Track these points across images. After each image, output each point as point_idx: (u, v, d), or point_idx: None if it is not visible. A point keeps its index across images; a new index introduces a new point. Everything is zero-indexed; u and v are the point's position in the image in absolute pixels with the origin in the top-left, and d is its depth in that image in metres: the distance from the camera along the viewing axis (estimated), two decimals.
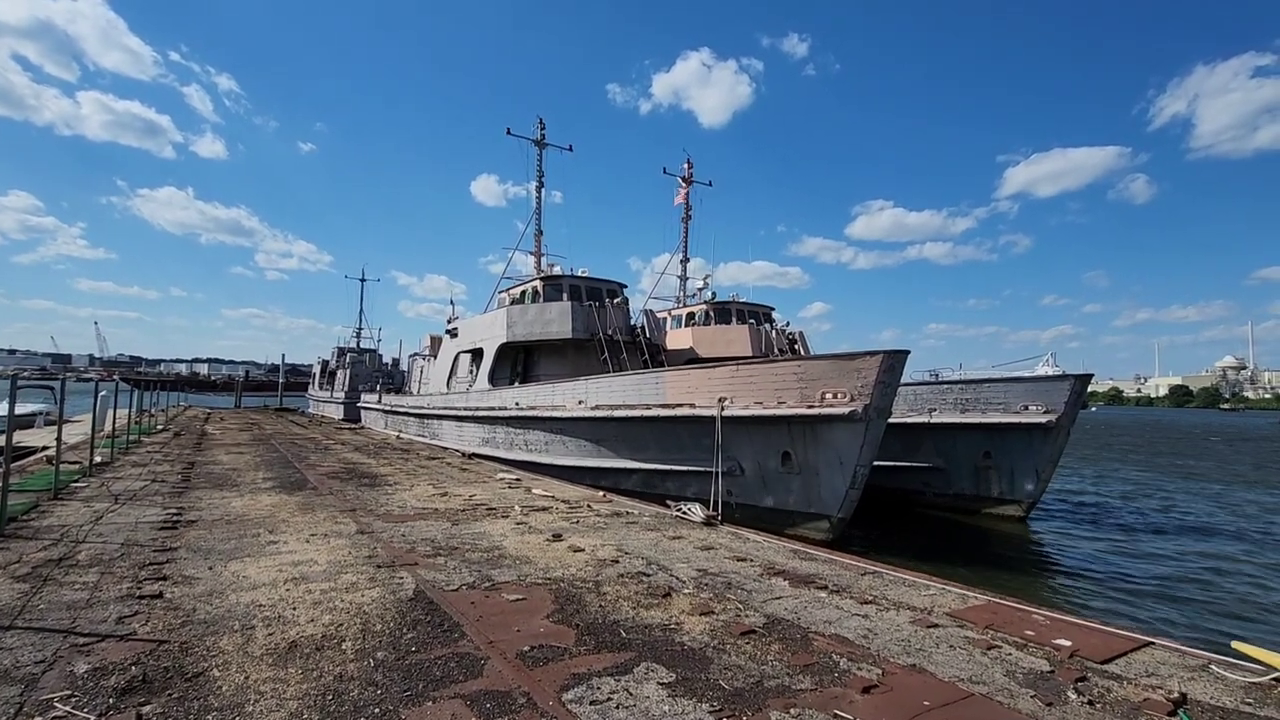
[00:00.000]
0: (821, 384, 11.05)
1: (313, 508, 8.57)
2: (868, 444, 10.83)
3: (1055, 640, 4.41)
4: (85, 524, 7.03)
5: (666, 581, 5.59)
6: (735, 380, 11.98)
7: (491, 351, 19.08)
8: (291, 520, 7.69)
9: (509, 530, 7.56)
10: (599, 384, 14.20)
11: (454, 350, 22.22)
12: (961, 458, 15.29)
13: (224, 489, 9.94)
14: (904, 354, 10.80)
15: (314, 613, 4.49)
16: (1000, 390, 14.68)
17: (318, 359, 55.65)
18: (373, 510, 8.56)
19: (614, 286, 19.82)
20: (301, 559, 5.92)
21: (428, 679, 3.51)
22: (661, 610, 4.82)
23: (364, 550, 6.32)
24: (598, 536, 7.39)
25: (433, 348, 26.05)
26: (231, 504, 8.66)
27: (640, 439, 13.51)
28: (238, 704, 3.16)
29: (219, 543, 6.44)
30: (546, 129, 22.87)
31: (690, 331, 21.69)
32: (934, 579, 6.05)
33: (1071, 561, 11.90)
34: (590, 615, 4.65)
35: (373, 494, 9.97)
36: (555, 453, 15.59)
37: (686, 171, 26.04)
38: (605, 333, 17.73)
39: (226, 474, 11.72)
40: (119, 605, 4.49)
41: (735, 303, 22.37)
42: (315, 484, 10.80)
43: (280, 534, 6.93)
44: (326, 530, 7.20)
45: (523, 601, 4.91)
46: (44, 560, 5.54)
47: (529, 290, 19.55)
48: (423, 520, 7.99)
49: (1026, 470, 14.54)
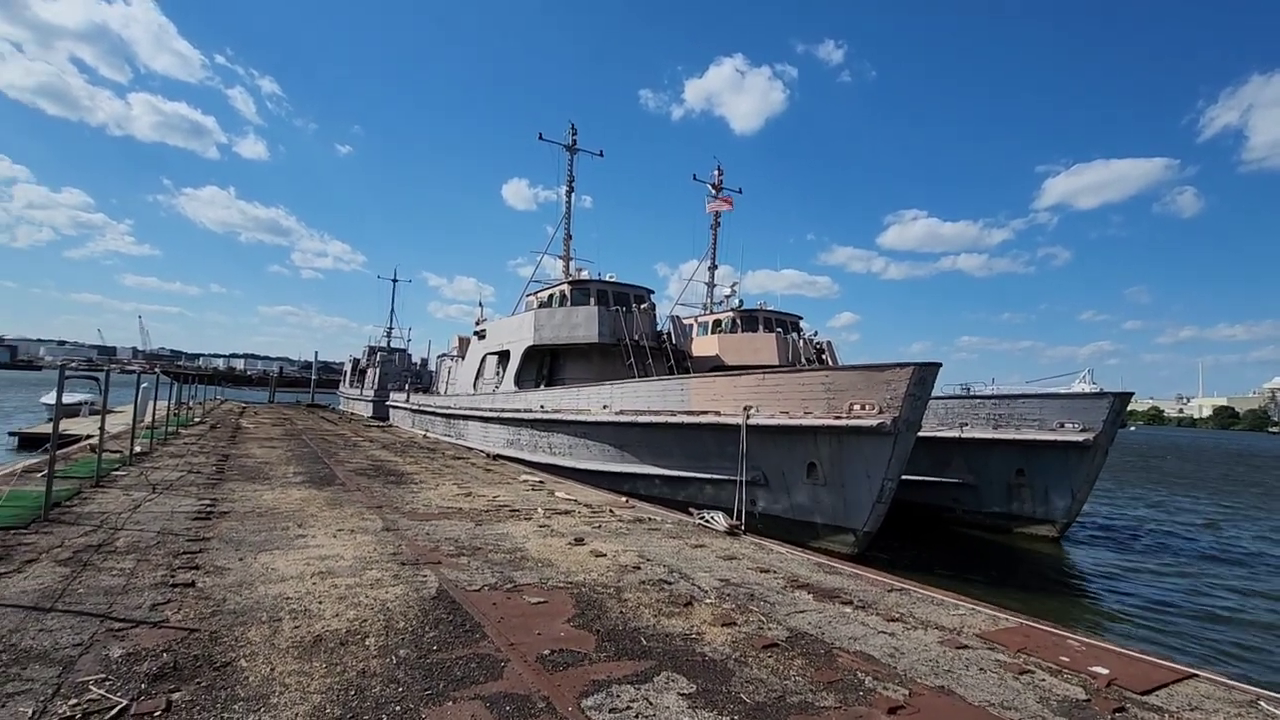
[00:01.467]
0: (850, 395, 10.89)
1: (340, 503, 8.72)
2: (896, 457, 10.63)
3: (1092, 667, 4.25)
4: (124, 512, 7.25)
5: (688, 590, 5.54)
6: (761, 389, 11.88)
7: (518, 354, 19.25)
8: (320, 515, 7.82)
9: (531, 533, 7.58)
10: (624, 389, 14.20)
11: (481, 352, 22.48)
12: (993, 475, 14.90)
13: (256, 482, 10.17)
14: (935, 366, 10.58)
15: (339, 607, 4.55)
16: (1035, 406, 14.29)
17: (349, 357, 56.81)
18: (398, 508, 8.66)
19: (641, 292, 19.85)
20: (328, 554, 6.01)
21: (448, 678, 3.52)
22: (683, 619, 4.77)
23: (389, 547, 6.40)
24: (620, 542, 7.37)
25: (460, 349, 26.39)
26: (263, 497, 8.85)
27: (664, 445, 13.46)
28: (263, 695, 3.21)
29: (249, 534, 6.58)
30: (578, 134, 23.05)
31: (716, 339, 21.61)
32: (963, 598, 5.89)
33: (1108, 586, 11.49)
34: (611, 621, 4.62)
35: (399, 492, 10.10)
36: (579, 456, 15.62)
37: (716, 179, 26.01)
38: (631, 338, 17.74)
39: (259, 467, 11.99)
40: (153, 593, 4.60)
41: (762, 311, 22.23)
42: (343, 480, 10.98)
43: (309, 528, 7.05)
44: (353, 526, 7.31)
45: (544, 605, 4.91)
46: (85, 545, 5.72)
47: (557, 294, 19.68)
48: (447, 520, 8.06)
49: (1061, 490, 14.11)
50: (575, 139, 22.99)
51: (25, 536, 5.91)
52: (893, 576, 6.63)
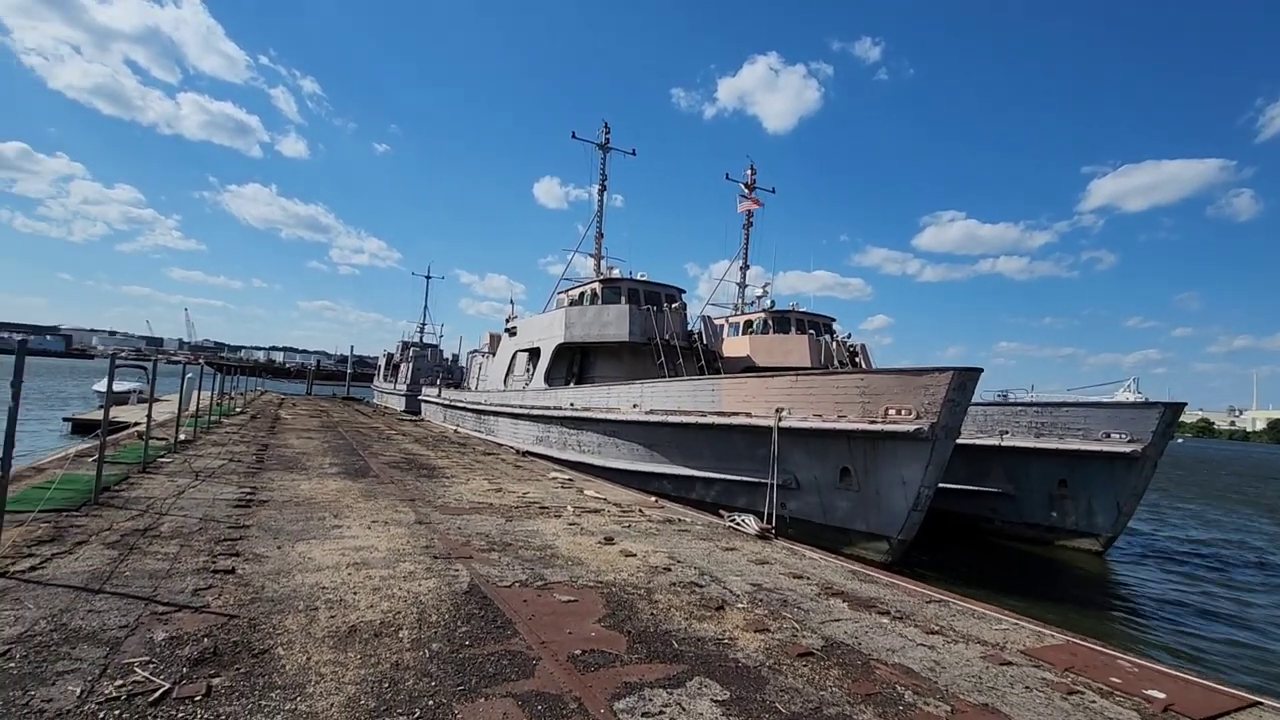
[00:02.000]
0: (886, 399, 10.64)
1: (375, 495, 8.84)
2: (934, 464, 10.35)
3: (1146, 690, 4.04)
4: (168, 497, 7.46)
5: (719, 594, 5.45)
6: (794, 391, 11.69)
7: (549, 351, 19.35)
8: (355, 506, 7.94)
9: (561, 530, 7.57)
10: (654, 388, 14.14)
11: (512, 348, 22.67)
12: (1034, 485, 14.43)
13: (294, 471, 10.39)
14: (976, 372, 10.28)
15: (373, 599, 4.59)
16: (1080, 415, 13.79)
17: (383, 352, 57.96)
18: (430, 501, 8.75)
19: (672, 291, 19.76)
20: (363, 544, 6.08)
21: (481, 674, 3.51)
22: (714, 623, 4.69)
23: (422, 540, 6.45)
24: (649, 542, 7.31)
25: (491, 345, 26.66)
26: (300, 486, 9.03)
27: (694, 446, 13.36)
28: (299, 684, 3.24)
29: (287, 523, 6.71)
30: (611, 132, 23.06)
31: (748, 340, 21.41)
32: (1005, 612, 5.68)
33: (1156, 604, 11.01)
34: (642, 623, 4.57)
35: (431, 485, 10.22)
36: (607, 455, 15.62)
37: (749, 178, 25.76)
38: (662, 337, 17.68)
39: (296, 457, 12.26)
40: (195, 578, 4.71)
41: (795, 312, 21.94)
42: (377, 472, 11.15)
43: (344, 519, 7.16)
44: (387, 518, 7.40)
45: (574, 603, 4.88)
46: (131, 530, 5.90)
47: (588, 292, 19.72)
48: (478, 514, 8.11)
49: (1106, 502, 13.59)
50: (608, 137, 23.01)
51: (76, 519, 6.11)
52: (931, 587, 6.44)
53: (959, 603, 5.86)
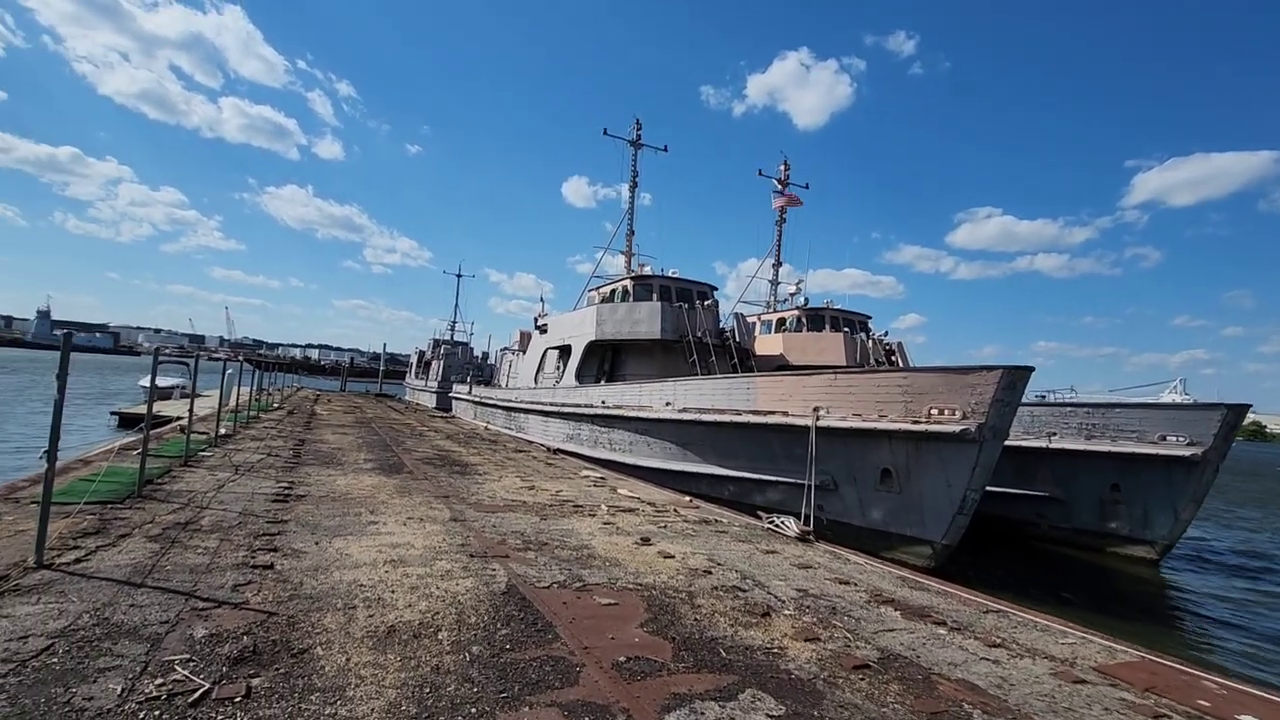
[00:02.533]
0: (929, 398, 10.27)
1: (409, 491, 8.82)
2: (980, 467, 9.94)
3: (1239, 716, 3.71)
4: (209, 491, 7.53)
5: (764, 599, 5.24)
6: (833, 389, 11.37)
7: (580, 349, 19.27)
8: (390, 502, 7.92)
9: (596, 530, 7.43)
10: (687, 386, 13.93)
11: (543, 346, 22.66)
12: (1084, 489, 13.83)
13: (330, 467, 10.45)
14: (1027, 371, 9.84)
15: (411, 598, 4.49)
16: (1134, 417, 13.15)
17: (415, 349, 58.74)
18: (464, 499, 8.69)
19: (704, 288, 19.51)
20: (399, 541, 6.02)
21: (523, 681, 3.37)
22: (761, 631, 4.48)
23: (457, 538, 6.37)
24: (687, 544, 7.12)
25: (522, 343, 26.73)
26: (336, 482, 9.06)
27: (728, 445, 13.12)
28: (339, 686, 3.13)
29: (324, 519, 6.69)
30: (643, 129, 22.88)
31: (781, 338, 21.05)
32: (1071, 625, 5.35)
33: (1225, 618, 10.41)
34: (686, 628, 4.38)
35: (464, 482, 10.18)
36: (639, 453, 15.46)
37: (783, 174, 25.34)
38: (694, 335, 17.45)
39: (332, 453, 12.37)
40: (235, 573, 4.67)
41: (829, 309, 21.50)
42: (411, 468, 11.17)
43: (380, 515, 7.12)
44: (422, 515, 7.34)
45: (615, 607, 4.72)
46: (173, 523, 5.92)
47: (619, 289, 19.58)
48: (512, 512, 8.01)
49: (1163, 508, 12.94)
50: (640, 134, 22.86)
51: (121, 511, 6.17)
52: (986, 595, 6.12)
53: (1019, 613, 5.54)
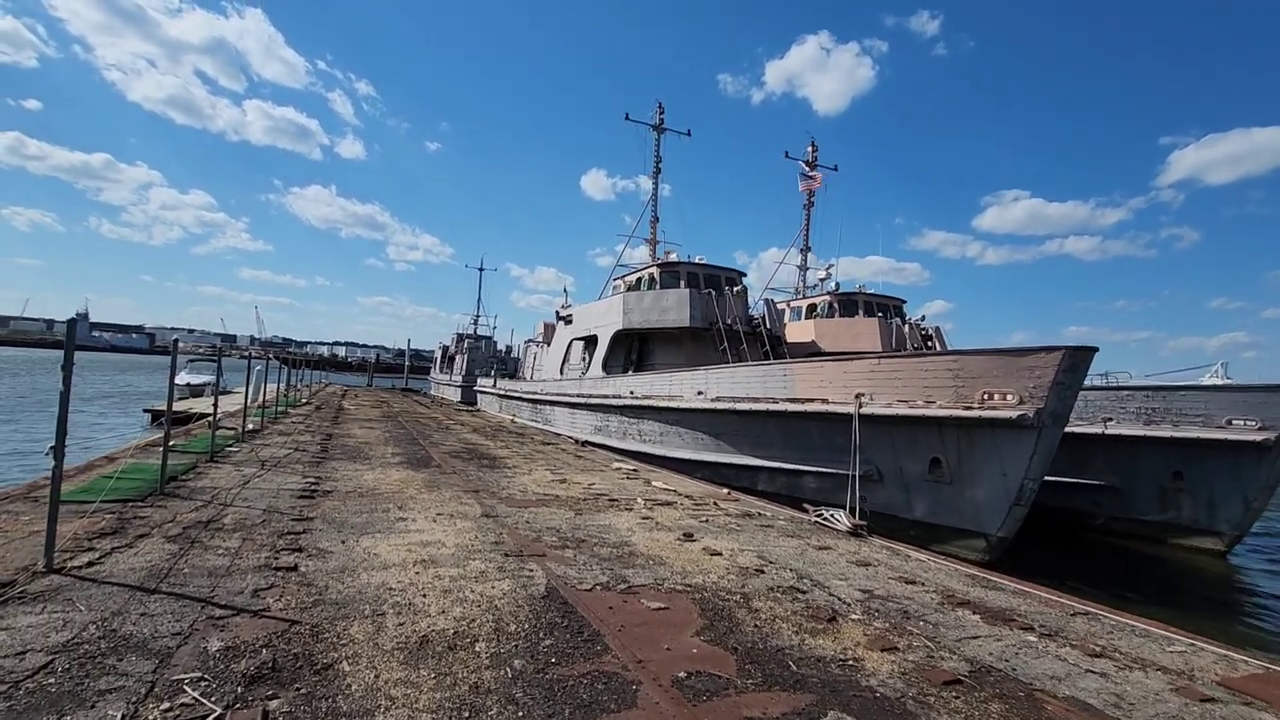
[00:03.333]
0: (983, 383, 9.65)
1: (438, 486, 8.50)
2: (1039, 455, 9.31)
3: None
4: (234, 487, 7.27)
5: (827, 602, 4.77)
6: (876, 375, 10.79)
7: (606, 338, 18.84)
8: (419, 498, 7.59)
9: (635, 525, 7.01)
10: (720, 374, 13.43)
11: (568, 337, 22.29)
12: (1143, 477, 13.03)
13: (357, 461, 10.20)
14: (1090, 351, 9.16)
15: (444, 603, 4.11)
16: (1198, 400, 12.32)
17: (439, 344, 58.98)
18: (495, 493, 8.34)
19: (733, 274, 18.93)
20: (430, 539, 5.66)
21: (574, 702, 2.95)
22: (831, 639, 4.02)
23: (490, 535, 5.99)
24: (733, 539, 6.67)
25: (546, 334, 26.42)
26: (364, 477, 8.78)
27: (764, 435, 12.61)
28: (367, 710, 2.75)
29: (351, 515, 6.37)
30: (665, 113, 22.30)
31: (813, 324, 20.42)
32: (1174, 629, 4.78)
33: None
34: (746, 637, 3.94)
35: (493, 476, 9.84)
36: (670, 444, 15.02)
37: (810, 155, 24.58)
38: (724, 322, 16.91)
39: (359, 447, 12.15)
40: (255, 576, 4.34)
41: (862, 294, 20.79)
42: (439, 462, 10.88)
43: (408, 511, 6.79)
44: (452, 511, 6.99)
45: (665, 612, 4.29)
46: (194, 521, 5.64)
47: (645, 277, 19.09)
48: (545, 507, 7.63)
49: (1231, 497, 12.12)
50: (662, 118, 22.27)
51: (141, 510, 5.91)
52: (1068, 595, 5.58)
53: (1111, 615, 4.99)
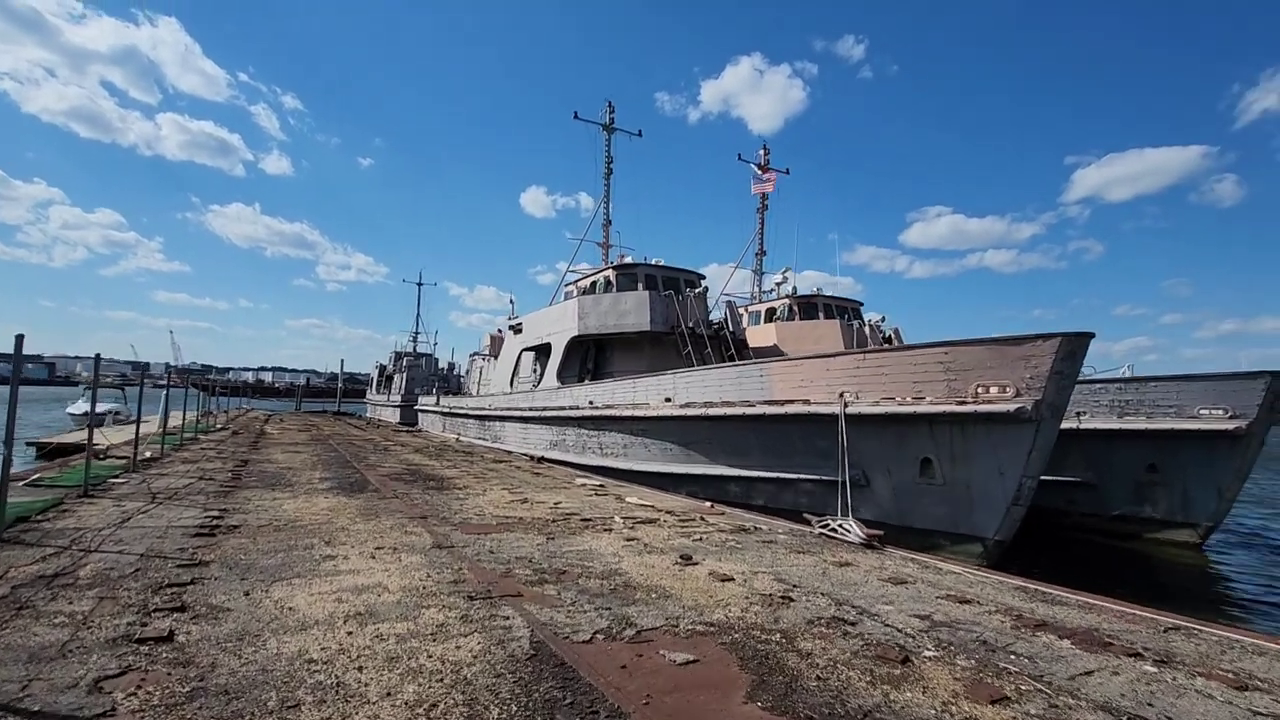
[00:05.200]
0: (976, 375, 9.04)
1: (376, 513, 7.12)
2: (1038, 450, 8.75)
3: None
4: (106, 527, 5.70)
5: (884, 635, 3.78)
6: (861, 371, 10.06)
7: (561, 346, 17.60)
8: (352, 528, 6.22)
9: (620, 548, 5.88)
10: (690, 378, 12.48)
11: (518, 347, 20.90)
12: (1119, 471, 12.85)
13: (276, 489, 8.64)
14: (1087, 337, 8.69)
15: (390, 678, 2.88)
16: (1171, 391, 12.23)
17: (375, 364, 55.88)
18: (447, 518, 7.03)
19: (692, 276, 18.11)
20: (367, 582, 4.37)
21: None
22: (919, 690, 3.02)
23: (446, 572, 4.74)
24: (738, 560, 5.63)
25: (493, 347, 24.92)
26: (283, 506, 7.29)
27: (739, 442, 11.69)
28: None
29: (262, 555, 4.98)
30: (615, 113, 21.47)
31: (773, 327, 19.82)
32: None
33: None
34: (815, 696, 2.89)
35: (443, 499, 8.49)
36: (635, 457, 13.92)
37: (763, 159, 24.28)
38: (686, 325, 16.02)
39: (281, 473, 10.50)
40: (105, 655, 2.98)
41: (821, 296, 20.39)
42: (377, 486, 9.42)
43: (339, 546, 5.44)
44: (395, 542, 5.68)
45: (696, 667, 3.20)
46: (34, 576, 4.15)
47: (601, 280, 18.01)
48: (509, 532, 6.40)
49: (1204, 488, 12.03)
50: (613, 117, 21.42)
51: None
52: (1130, 602, 4.80)
53: (1209, 629, 4.21)
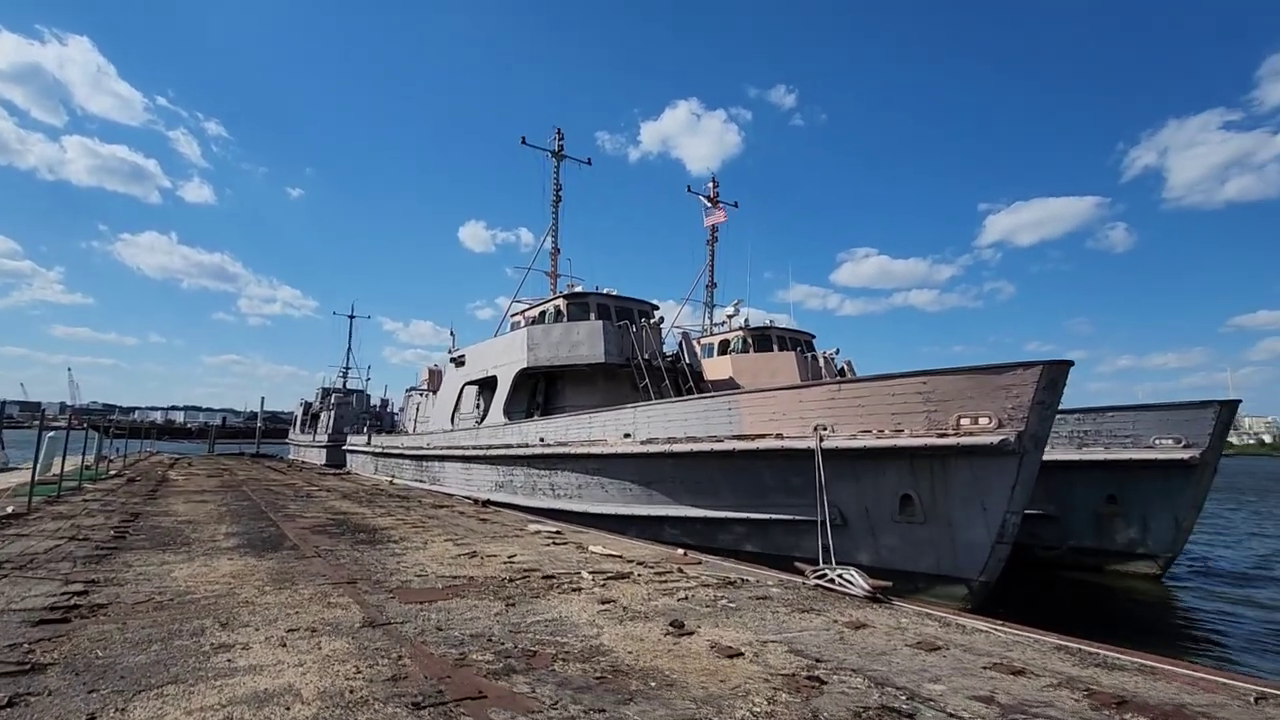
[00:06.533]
0: (957, 406, 8.65)
1: (292, 578, 5.86)
2: (1021, 484, 8.39)
3: None
4: None
5: None
6: (837, 403, 9.53)
7: (508, 379, 16.43)
8: (260, 602, 4.98)
9: (596, 615, 4.91)
10: (651, 412, 11.65)
11: (460, 380, 19.54)
12: (1079, 503, 12.80)
13: (169, 550, 7.18)
14: (1067, 365, 8.46)
15: None
16: (1128, 420, 12.33)
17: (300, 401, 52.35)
18: (381, 582, 5.86)
19: (645, 307, 17.45)
20: (272, 686, 3.26)
21: None
22: None
23: (382, 663, 3.66)
24: (737, 625, 4.77)
25: (432, 381, 23.38)
26: (173, 574, 5.93)
27: (706, 480, 10.90)
28: None
29: (129, 650, 3.75)
30: (565, 139, 20.94)
31: (729, 360, 19.37)
32: None
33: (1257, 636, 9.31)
34: None
35: (375, 555, 7.26)
36: (591, 498, 12.88)
37: (712, 191, 24.24)
38: (642, 356, 15.27)
39: (178, 528, 8.92)
40: None
41: (774, 328, 20.19)
42: (296, 542, 8.05)
43: (238, 629, 4.24)
44: (314, 620, 4.51)
45: None
46: None
47: (550, 309, 17.09)
48: (459, 598, 5.31)
49: (1163, 518, 12.08)
50: (562, 144, 20.85)
51: None
52: (1196, 666, 4.22)
53: None
